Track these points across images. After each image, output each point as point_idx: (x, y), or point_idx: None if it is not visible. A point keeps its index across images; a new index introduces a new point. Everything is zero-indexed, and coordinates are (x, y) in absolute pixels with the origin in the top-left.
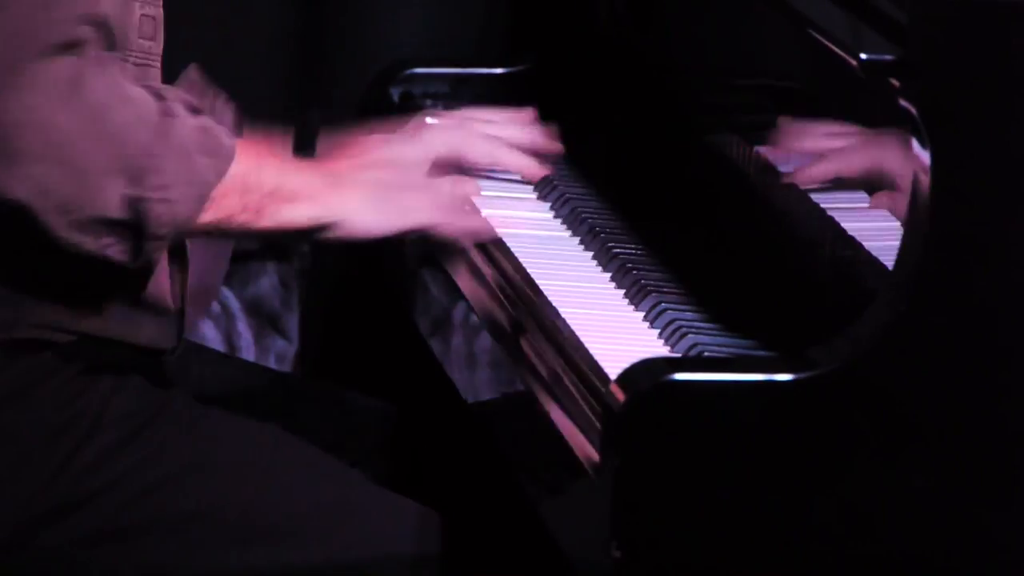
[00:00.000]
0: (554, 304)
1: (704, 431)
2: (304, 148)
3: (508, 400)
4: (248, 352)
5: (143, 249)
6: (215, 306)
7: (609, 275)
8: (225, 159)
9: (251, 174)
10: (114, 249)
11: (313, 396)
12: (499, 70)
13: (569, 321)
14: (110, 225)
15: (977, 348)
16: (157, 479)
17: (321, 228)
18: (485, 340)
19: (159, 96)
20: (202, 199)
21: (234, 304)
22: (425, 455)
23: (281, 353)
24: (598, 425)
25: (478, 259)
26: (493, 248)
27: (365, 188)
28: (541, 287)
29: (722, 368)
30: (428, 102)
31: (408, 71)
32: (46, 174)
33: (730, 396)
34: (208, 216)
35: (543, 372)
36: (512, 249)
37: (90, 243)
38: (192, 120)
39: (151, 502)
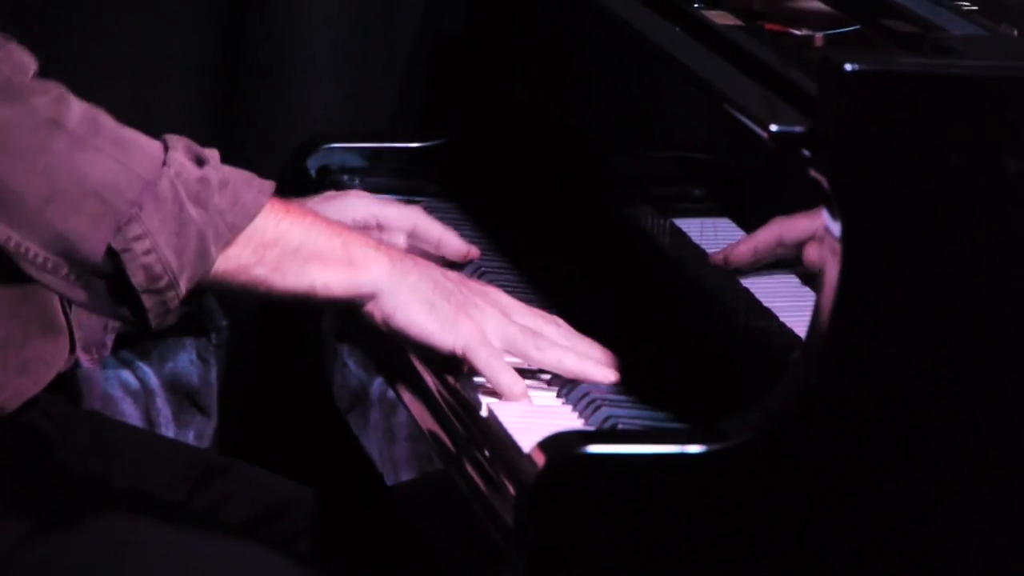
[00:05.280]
0: (470, 378)
1: (618, 503)
2: None
3: (424, 475)
4: (167, 428)
5: (142, 306)
6: (134, 383)
7: None
8: (231, 211)
9: (268, 227)
10: (125, 311)
11: (233, 475)
12: (415, 144)
13: (482, 396)
14: (101, 277)
15: (887, 418)
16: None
17: (359, 302)
18: (402, 415)
19: (164, 144)
20: (200, 251)
21: (152, 380)
22: (345, 532)
23: (200, 429)
24: (513, 498)
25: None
26: None
27: (421, 279)
28: None
29: (635, 440)
30: (345, 177)
31: (325, 145)
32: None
33: (643, 468)
34: (219, 266)
35: (458, 446)
36: None
37: (102, 304)
38: (194, 171)
39: None
